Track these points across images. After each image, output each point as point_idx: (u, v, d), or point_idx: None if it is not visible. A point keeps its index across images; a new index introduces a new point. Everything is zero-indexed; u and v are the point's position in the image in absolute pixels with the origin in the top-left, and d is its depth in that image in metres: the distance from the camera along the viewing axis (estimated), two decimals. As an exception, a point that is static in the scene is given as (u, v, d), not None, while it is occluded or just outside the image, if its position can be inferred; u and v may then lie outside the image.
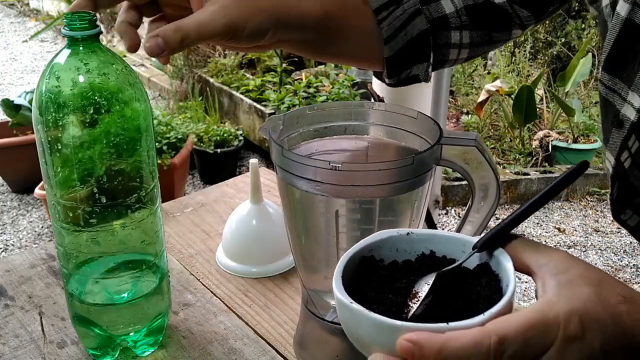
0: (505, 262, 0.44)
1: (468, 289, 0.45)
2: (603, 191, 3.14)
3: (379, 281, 0.46)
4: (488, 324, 0.38)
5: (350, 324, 0.42)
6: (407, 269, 0.48)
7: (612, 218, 0.65)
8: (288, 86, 3.36)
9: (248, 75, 3.74)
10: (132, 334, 0.66)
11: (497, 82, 3.50)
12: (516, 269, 0.44)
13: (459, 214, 2.93)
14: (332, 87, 3.20)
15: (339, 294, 0.42)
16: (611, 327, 0.40)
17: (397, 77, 0.72)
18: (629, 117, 0.56)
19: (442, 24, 0.69)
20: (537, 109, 3.34)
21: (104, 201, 0.59)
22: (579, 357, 0.38)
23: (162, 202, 0.72)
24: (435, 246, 0.49)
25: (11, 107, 2.74)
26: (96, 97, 0.56)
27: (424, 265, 0.48)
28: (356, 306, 0.41)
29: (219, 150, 3.10)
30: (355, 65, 0.77)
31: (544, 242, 2.78)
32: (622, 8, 0.55)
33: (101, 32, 0.58)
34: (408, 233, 0.49)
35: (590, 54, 3.45)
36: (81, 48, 0.57)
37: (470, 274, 0.46)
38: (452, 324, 0.38)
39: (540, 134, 3.39)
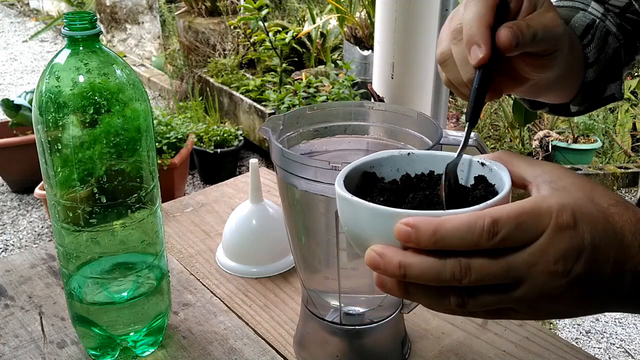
0: (501, 172, 0.45)
1: (466, 195, 0.46)
2: (603, 191, 3.14)
3: (379, 192, 0.47)
4: (485, 210, 0.40)
5: (350, 218, 0.43)
6: (407, 185, 0.49)
7: None
8: (288, 86, 3.36)
9: (248, 75, 3.74)
10: (132, 334, 0.66)
11: (497, 82, 3.49)
12: (512, 182, 0.45)
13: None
14: (332, 87, 3.20)
15: (340, 189, 0.43)
16: (602, 224, 0.41)
17: (590, 101, 0.72)
18: None
19: (619, 41, 0.71)
20: (537, 109, 3.33)
21: (104, 201, 0.59)
22: (569, 246, 0.39)
23: (162, 202, 0.72)
24: (435, 166, 0.49)
25: (11, 107, 2.74)
26: (96, 97, 0.56)
27: (423, 182, 0.49)
28: (356, 199, 0.42)
29: (219, 150, 3.10)
30: (554, 95, 0.72)
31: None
32: None
33: (101, 32, 0.58)
34: (409, 153, 0.50)
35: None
36: (81, 48, 0.57)
37: (469, 187, 0.47)
38: (449, 211, 0.40)
39: (540, 134, 3.39)
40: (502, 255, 0.39)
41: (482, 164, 0.47)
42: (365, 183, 0.48)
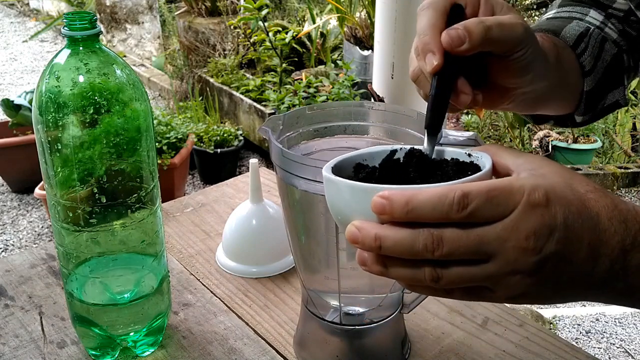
0: (485, 160, 0.46)
1: (446, 174, 0.47)
2: (603, 191, 3.14)
3: (363, 174, 0.48)
4: (457, 184, 0.41)
5: (333, 197, 0.45)
6: (392, 166, 0.50)
7: None
8: (288, 86, 3.36)
9: (248, 75, 3.74)
10: (132, 334, 0.66)
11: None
12: (496, 171, 0.46)
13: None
14: (332, 87, 3.20)
15: (325, 171, 0.45)
16: (577, 207, 0.41)
17: (593, 110, 0.72)
18: None
19: (619, 47, 0.71)
20: (537, 109, 3.33)
21: (104, 201, 0.59)
22: (540, 223, 0.40)
23: (162, 202, 0.72)
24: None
25: (11, 107, 2.74)
26: (96, 97, 0.56)
27: (408, 162, 0.49)
28: (338, 178, 0.44)
29: (219, 150, 3.10)
30: (552, 107, 0.72)
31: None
32: None
33: (101, 32, 0.58)
34: (400, 148, 0.50)
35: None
36: (81, 48, 0.57)
37: (457, 168, 0.48)
38: (423, 185, 0.41)
39: (540, 134, 3.39)
40: (473, 228, 0.40)
41: (469, 155, 0.48)
42: (358, 173, 0.49)
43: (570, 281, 0.42)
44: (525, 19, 0.64)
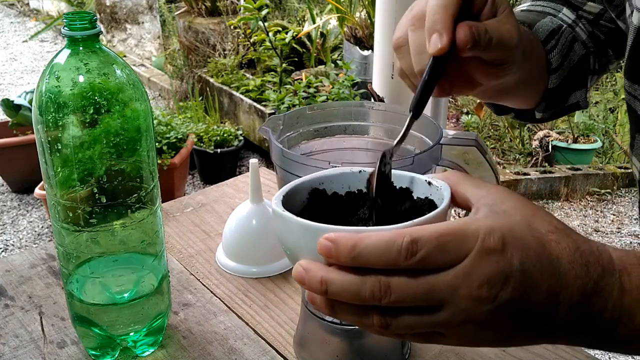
0: (444, 192, 0.44)
1: (404, 214, 0.45)
2: (603, 191, 3.14)
3: (325, 210, 0.47)
4: (407, 228, 0.38)
5: (282, 233, 0.43)
6: (350, 201, 0.49)
7: (611, 219, 0.66)
8: (288, 86, 3.36)
9: (248, 75, 3.74)
10: (132, 334, 0.66)
11: (497, 82, 3.49)
12: (456, 202, 0.44)
13: (458, 213, 2.94)
14: (332, 87, 3.20)
15: (274, 203, 0.44)
16: (535, 250, 0.39)
17: (554, 108, 0.71)
18: None
19: (587, 49, 0.70)
20: (537, 109, 3.33)
21: (104, 201, 0.59)
22: (494, 271, 0.37)
23: (162, 202, 0.72)
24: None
25: (11, 107, 2.74)
26: (96, 97, 0.56)
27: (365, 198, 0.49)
28: (286, 213, 0.42)
29: (219, 150, 3.10)
30: (516, 100, 0.72)
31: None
32: (636, 17, 0.56)
33: (101, 32, 0.58)
34: (360, 171, 0.49)
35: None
36: (81, 48, 0.57)
37: (412, 205, 0.46)
38: (370, 228, 0.39)
39: (540, 134, 3.39)
40: (423, 276, 0.38)
41: (429, 183, 0.46)
42: (314, 200, 0.48)
43: (528, 326, 0.40)
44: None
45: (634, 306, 0.40)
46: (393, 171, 0.49)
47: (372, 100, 1.51)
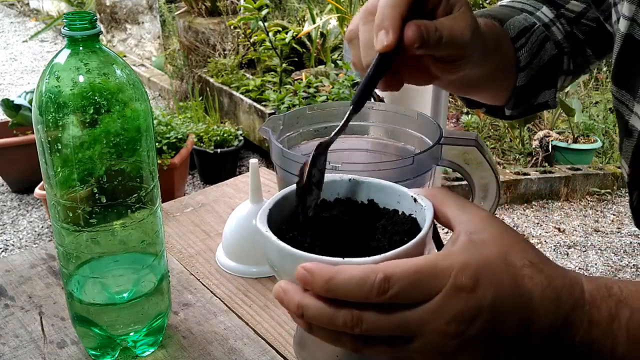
0: (426, 213, 0.45)
1: (390, 236, 0.46)
2: (603, 191, 3.14)
3: (313, 218, 0.48)
4: (381, 263, 0.40)
5: (266, 251, 0.45)
6: (342, 208, 0.50)
7: (611, 219, 0.66)
8: (288, 86, 3.36)
9: (248, 75, 3.74)
10: (132, 334, 0.66)
11: (497, 82, 3.49)
12: (440, 221, 0.45)
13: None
14: (332, 87, 3.20)
15: (259, 222, 0.45)
16: (508, 287, 0.40)
17: (522, 106, 0.71)
18: (636, 127, 0.58)
19: (560, 49, 0.70)
20: (537, 109, 3.33)
21: (104, 201, 0.59)
22: (464, 308, 0.39)
23: (162, 202, 0.72)
24: (376, 194, 0.50)
25: (11, 107, 2.74)
26: (96, 97, 0.56)
27: (358, 213, 0.49)
28: (269, 234, 0.44)
29: (219, 150, 3.10)
30: (485, 95, 0.72)
31: (543, 242, 2.78)
32: (622, 24, 0.57)
33: (101, 32, 0.58)
34: (350, 179, 0.50)
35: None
36: (81, 48, 0.57)
37: (399, 223, 0.47)
38: (347, 260, 0.40)
39: (540, 134, 3.39)
40: (395, 310, 0.39)
41: (415, 200, 0.47)
42: (298, 213, 0.49)
43: (504, 352, 0.41)
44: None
45: (602, 337, 0.42)
46: (383, 182, 0.50)
47: (372, 100, 1.51)
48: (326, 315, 0.40)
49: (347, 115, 0.49)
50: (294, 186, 0.49)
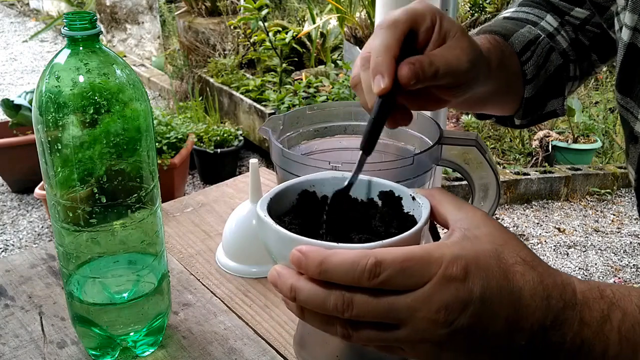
0: (423, 211, 0.46)
1: (386, 228, 0.47)
2: (603, 191, 3.14)
3: (312, 212, 0.49)
4: (374, 249, 0.41)
5: (263, 236, 0.46)
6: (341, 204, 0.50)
7: (611, 219, 0.67)
8: (288, 86, 3.36)
9: (248, 75, 3.74)
10: (132, 334, 0.66)
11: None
12: (437, 220, 0.46)
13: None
14: (332, 87, 3.20)
15: (259, 207, 0.46)
16: (498, 281, 0.41)
17: (531, 116, 0.73)
18: None
19: (566, 58, 0.72)
20: (537, 109, 3.33)
21: (104, 201, 0.59)
22: (453, 297, 0.40)
23: (162, 202, 0.72)
24: (373, 192, 0.51)
25: (11, 107, 2.74)
26: (96, 97, 0.56)
27: (354, 207, 0.50)
28: (267, 219, 0.45)
29: (219, 150, 3.10)
30: (494, 108, 0.74)
31: (543, 242, 2.78)
32: (625, 33, 0.58)
33: (101, 32, 0.58)
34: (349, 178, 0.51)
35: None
36: (81, 48, 0.57)
37: (396, 219, 0.48)
38: (341, 244, 0.42)
39: (540, 134, 3.39)
40: (384, 295, 0.40)
41: (413, 198, 0.48)
42: (303, 201, 0.50)
43: (486, 351, 0.42)
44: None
45: (593, 338, 0.42)
46: (384, 181, 0.50)
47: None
48: (318, 298, 0.41)
49: (358, 161, 0.50)
50: (295, 180, 0.50)
